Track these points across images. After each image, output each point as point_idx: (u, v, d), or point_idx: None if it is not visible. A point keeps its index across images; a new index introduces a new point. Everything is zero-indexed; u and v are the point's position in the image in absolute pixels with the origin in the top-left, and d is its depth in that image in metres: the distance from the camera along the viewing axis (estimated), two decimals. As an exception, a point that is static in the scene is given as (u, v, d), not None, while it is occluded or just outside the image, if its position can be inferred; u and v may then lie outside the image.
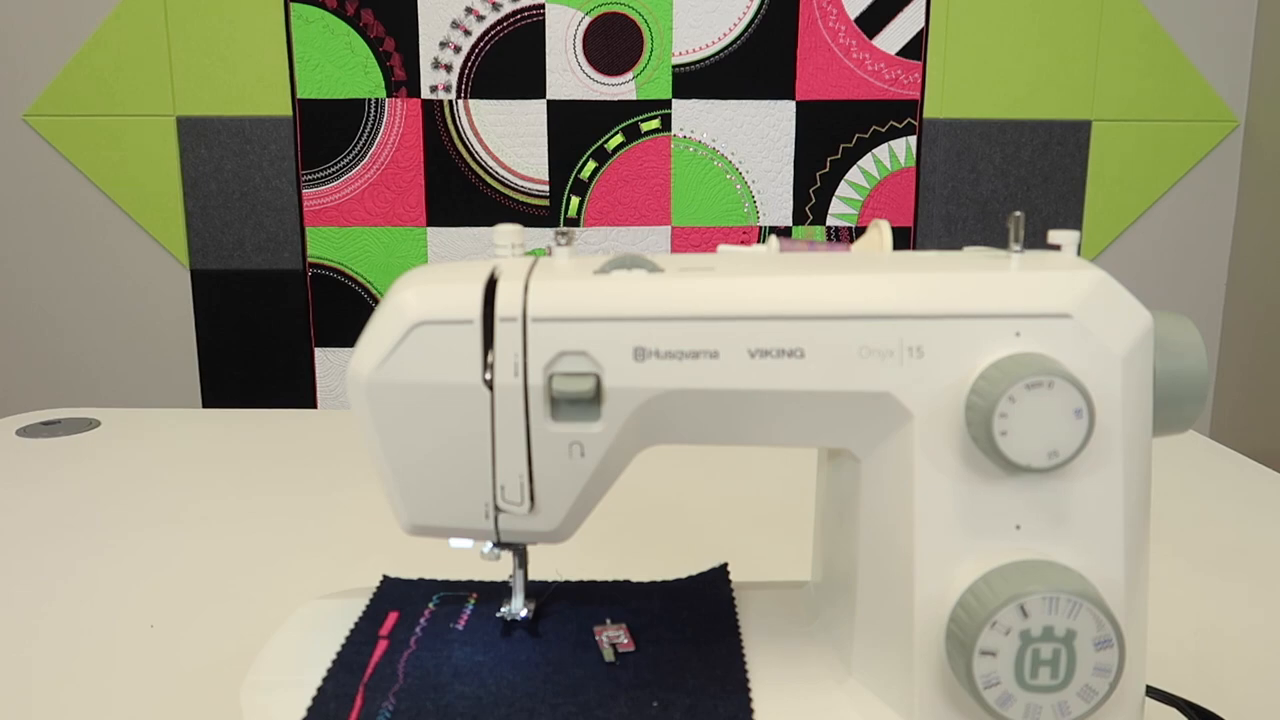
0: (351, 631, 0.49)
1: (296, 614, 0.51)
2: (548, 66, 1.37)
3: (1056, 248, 0.44)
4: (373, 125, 1.39)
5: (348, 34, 1.36)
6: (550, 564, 0.68)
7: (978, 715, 0.41)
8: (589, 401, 0.41)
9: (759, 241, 1.44)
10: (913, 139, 1.40)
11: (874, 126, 1.39)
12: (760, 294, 0.41)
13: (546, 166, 1.40)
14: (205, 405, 1.48)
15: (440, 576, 0.55)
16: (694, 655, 0.47)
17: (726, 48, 1.37)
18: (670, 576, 0.56)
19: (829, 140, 1.40)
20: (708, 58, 1.37)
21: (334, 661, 0.46)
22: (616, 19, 1.36)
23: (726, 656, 0.46)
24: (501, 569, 0.65)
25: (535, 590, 0.52)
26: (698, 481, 0.85)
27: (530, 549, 0.52)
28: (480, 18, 1.36)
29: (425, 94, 1.38)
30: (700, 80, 1.38)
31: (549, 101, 1.38)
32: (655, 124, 1.39)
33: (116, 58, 1.37)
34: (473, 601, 0.51)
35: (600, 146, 1.39)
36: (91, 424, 1.01)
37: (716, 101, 1.38)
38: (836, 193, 1.41)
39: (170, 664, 0.56)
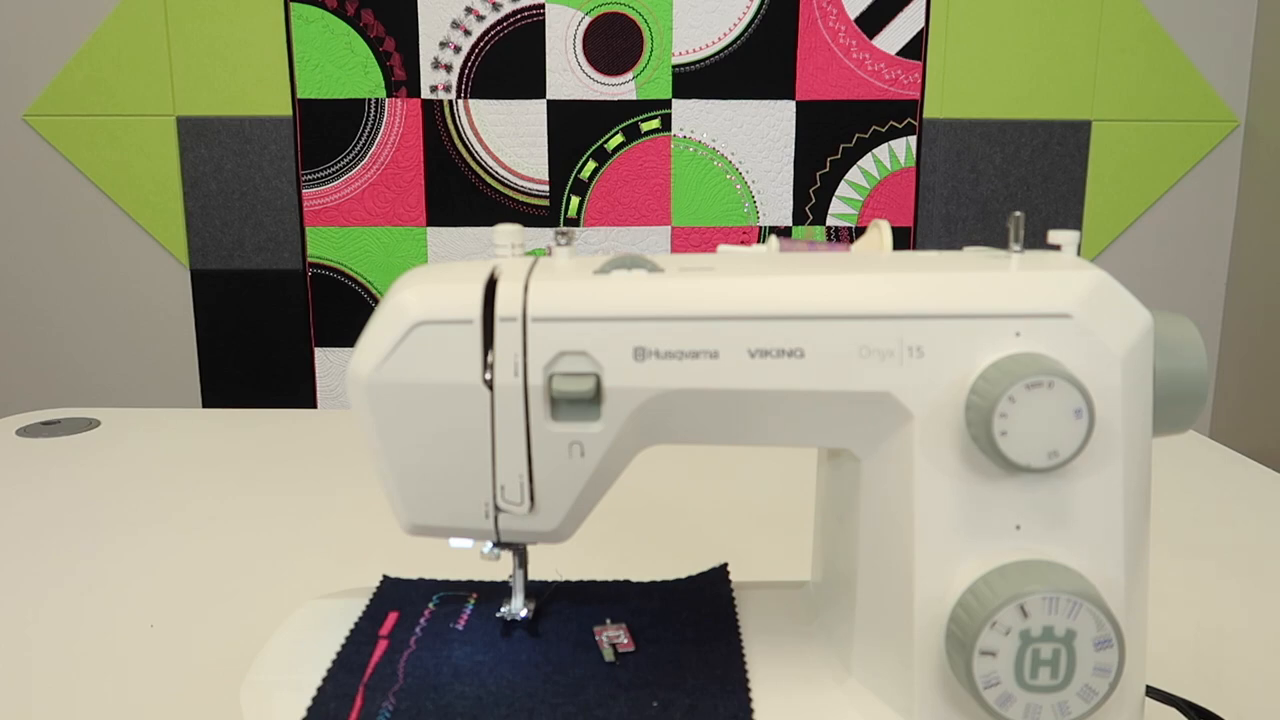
0: (351, 631, 0.49)
1: (296, 614, 0.51)
2: (548, 66, 1.37)
3: (1056, 248, 0.44)
4: (373, 125, 1.39)
5: (348, 34, 1.36)
6: (550, 564, 0.68)
7: (978, 715, 0.41)
8: (589, 401, 0.41)
9: (759, 241, 1.44)
10: (913, 139, 1.40)
11: (874, 126, 1.39)
12: (760, 294, 0.41)
13: (546, 166, 1.40)
14: (205, 405, 1.48)
15: (440, 576, 0.55)
16: (694, 655, 0.47)
17: (726, 48, 1.37)
18: (670, 576, 0.56)
19: (829, 140, 1.40)
20: (708, 58, 1.37)
21: (334, 661, 0.46)
22: (616, 19, 1.36)
23: (726, 656, 0.46)
24: (501, 569, 0.65)
25: (535, 590, 0.52)
26: (698, 481, 0.85)
27: (530, 549, 0.52)
28: (480, 18, 1.36)
29: (425, 94, 1.38)
30: (700, 80, 1.38)
31: (549, 101, 1.38)
32: (655, 124, 1.39)
33: (116, 58, 1.37)
34: (473, 601, 0.51)
35: (600, 146, 1.39)
36: (91, 424, 1.01)
37: (716, 101, 1.38)
38: (836, 193, 1.41)
39: (170, 664, 0.56)
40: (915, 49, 1.37)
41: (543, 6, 1.35)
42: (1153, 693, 0.50)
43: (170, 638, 0.58)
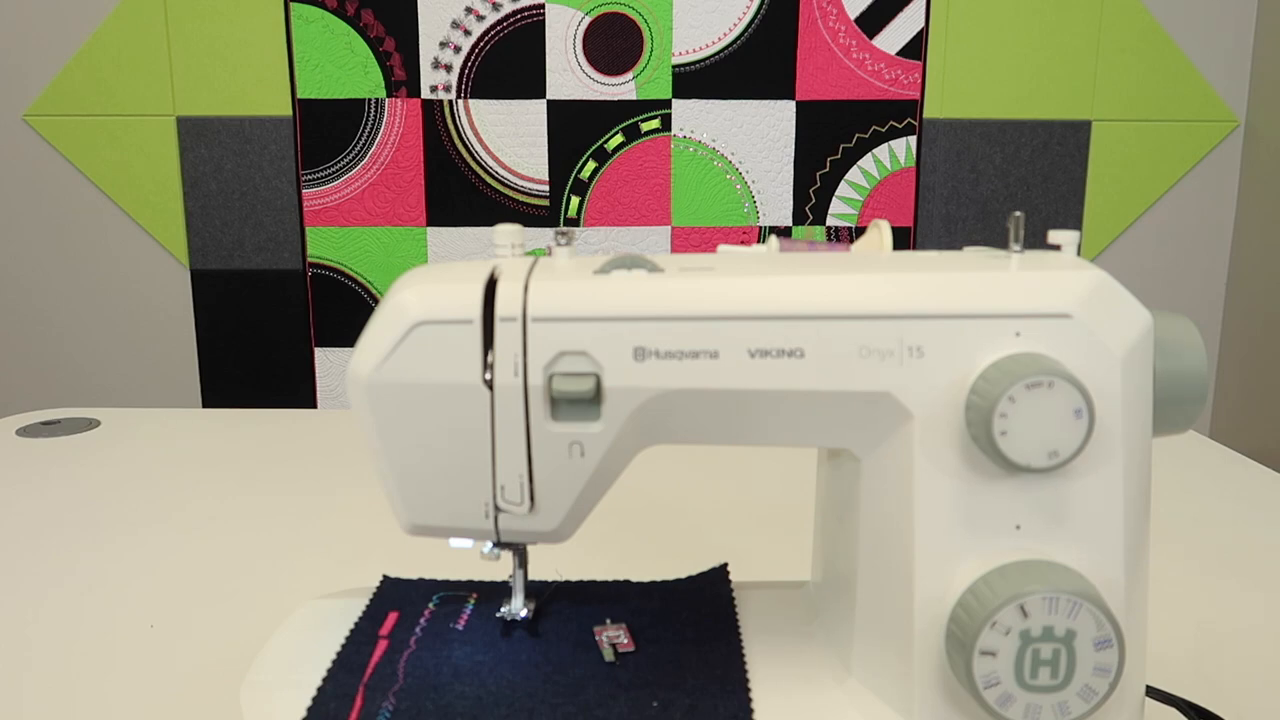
0: (351, 631, 0.49)
1: (296, 614, 0.51)
2: (548, 66, 1.37)
3: (1056, 248, 0.44)
4: (373, 125, 1.39)
5: (348, 34, 1.36)
6: (550, 564, 0.68)
7: (978, 715, 0.41)
8: (589, 401, 0.41)
9: (759, 241, 1.44)
10: (913, 139, 1.40)
11: (874, 126, 1.39)
12: (760, 294, 0.41)
13: (546, 166, 1.40)
14: (205, 405, 1.48)
15: (440, 576, 0.55)
16: (694, 655, 0.47)
17: (726, 48, 1.37)
18: (670, 576, 0.56)
19: (829, 140, 1.40)
20: (708, 58, 1.37)
21: (334, 661, 0.46)
22: (616, 19, 1.36)
23: (726, 656, 0.46)
24: (501, 569, 0.65)
25: (535, 590, 0.52)
26: (698, 481, 0.85)
27: (530, 549, 0.52)
28: (480, 18, 1.36)
29: (425, 94, 1.38)
30: (700, 80, 1.38)
31: (549, 101, 1.38)
32: (655, 124, 1.39)
33: (116, 58, 1.37)
34: (473, 601, 0.51)
35: (600, 146, 1.39)
36: (91, 424, 1.01)
37: (716, 101, 1.38)
38: (836, 193, 1.41)
39: (170, 664, 0.56)
40: (915, 49, 1.37)
41: (543, 6, 1.35)
42: (1153, 693, 0.50)
43: (170, 638, 0.58)
